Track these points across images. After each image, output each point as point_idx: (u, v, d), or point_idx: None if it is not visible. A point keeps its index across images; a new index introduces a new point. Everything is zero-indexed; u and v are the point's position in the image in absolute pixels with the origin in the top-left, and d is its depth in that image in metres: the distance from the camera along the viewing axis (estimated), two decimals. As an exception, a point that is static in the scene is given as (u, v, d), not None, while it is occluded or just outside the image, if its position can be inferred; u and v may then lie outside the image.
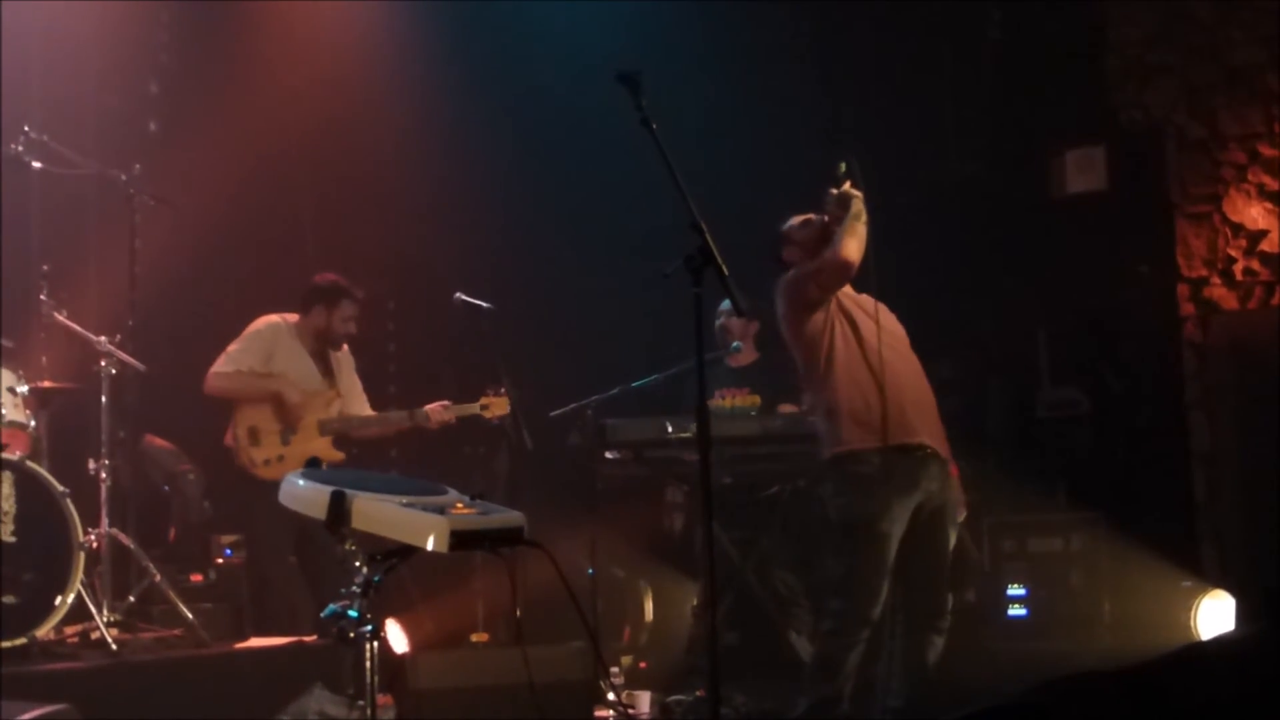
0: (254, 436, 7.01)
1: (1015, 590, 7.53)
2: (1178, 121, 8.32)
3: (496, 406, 7.07)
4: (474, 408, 7.10)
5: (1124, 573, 7.35)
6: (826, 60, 9.03)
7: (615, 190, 8.31)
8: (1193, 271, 8.23)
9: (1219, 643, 4.24)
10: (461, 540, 3.59)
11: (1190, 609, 7.16)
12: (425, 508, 3.64)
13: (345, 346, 7.34)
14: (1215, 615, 7.11)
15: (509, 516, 3.84)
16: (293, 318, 7.22)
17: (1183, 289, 8.22)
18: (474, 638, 7.27)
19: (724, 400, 6.94)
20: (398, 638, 7.14)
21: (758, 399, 7.00)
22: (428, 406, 7.12)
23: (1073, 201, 8.53)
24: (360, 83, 8.91)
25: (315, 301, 7.20)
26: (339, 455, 7.13)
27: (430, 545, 3.54)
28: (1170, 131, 8.33)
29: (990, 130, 8.82)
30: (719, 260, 4.25)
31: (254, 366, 7.03)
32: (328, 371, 7.23)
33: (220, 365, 7.02)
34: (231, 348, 7.07)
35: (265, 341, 7.09)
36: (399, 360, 8.21)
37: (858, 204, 5.56)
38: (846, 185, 5.60)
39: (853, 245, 5.53)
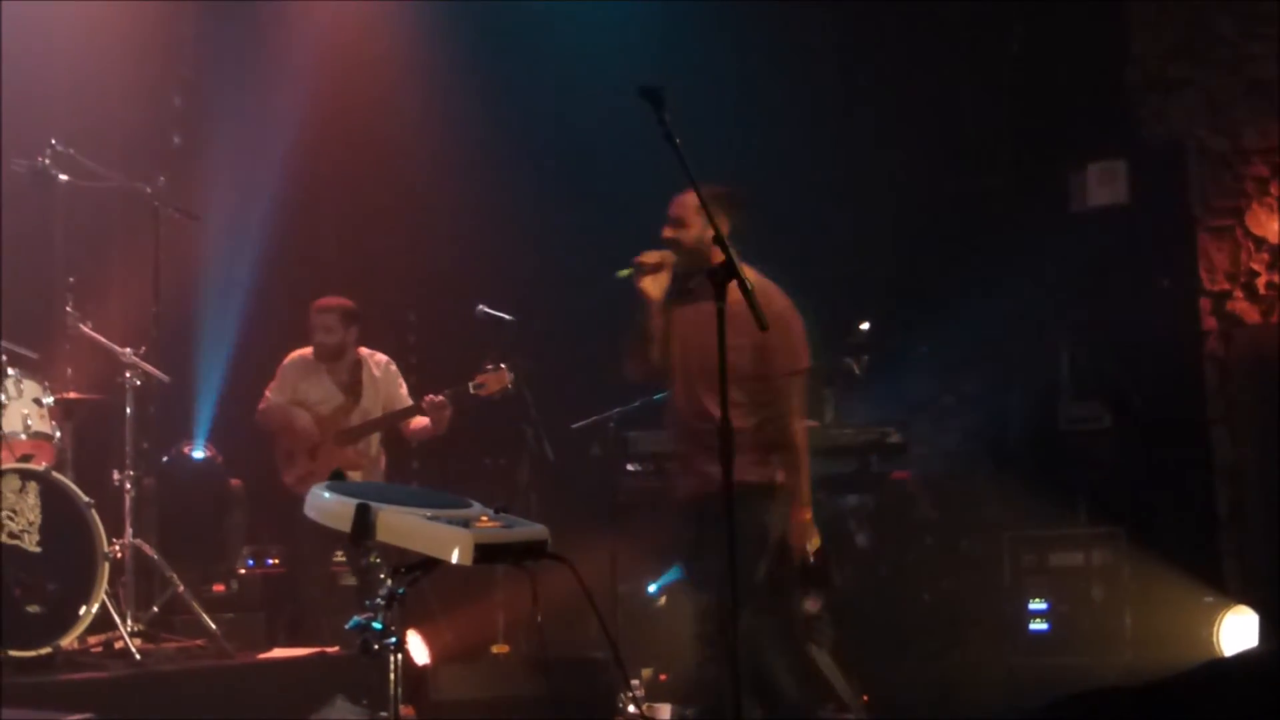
0: (289, 458, 7.41)
1: (1037, 605, 7.50)
2: (1199, 135, 8.30)
3: (493, 382, 7.09)
4: (468, 389, 7.15)
5: (1146, 588, 7.32)
6: (848, 74, 9.03)
7: (638, 202, 8.32)
8: (1215, 285, 8.21)
9: (1242, 659, 4.24)
10: (486, 554, 3.59)
11: (1213, 625, 7.13)
12: (450, 521, 3.64)
13: (388, 361, 7.53)
14: (1238, 631, 7.08)
15: (533, 530, 3.85)
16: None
17: (1205, 303, 8.21)
18: (494, 649, 7.29)
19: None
20: (419, 649, 7.15)
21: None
22: (424, 399, 7.21)
23: (1094, 215, 8.51)
24: (382, 98, 8.95)
25: None
26: (358, 460, 7.33)
27: (455, 558, 3.54)
28: (1192, 145, 8.32)
29: (1012, 143, 8.81)
30: (741, 275, 4.25)
31: (280, 399, 7.45)
32: (351, 388, 7.48)
33: (261, 404, 7.49)
34: (269, 387, 7.51)
35: (289, 375, 7.53)
36: (420, 371, 8.23)
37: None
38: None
39: None
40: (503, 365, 7.09)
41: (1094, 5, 8.59)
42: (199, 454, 8.01)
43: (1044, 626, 7.49)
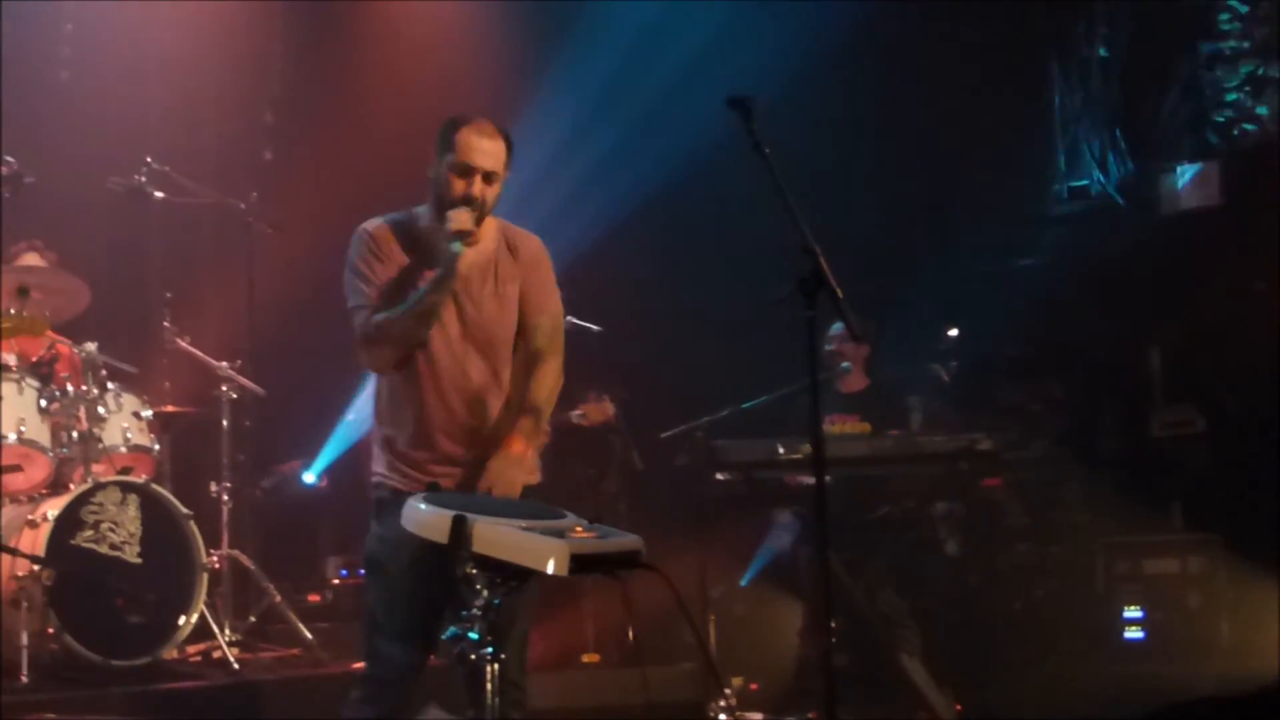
0: None
1: (1132, 613, 7.41)
2: (1293, 135, 8.20)
3: (595, 414, 7.12)
4: (570, 418, 7.15)
5: (1242, 595, 7.20)
6: (931, 80, 8.98)
7: (726, 209, 8.32)
8: (1310, 287, 8.09)
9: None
10: (581, 564, 3.61)
11: (1312, 634, 7.02)
12: (545, 532, 3.67)
13: None
14: (1337, 641, 6.95)
15: (627, 540, 3.87)
16: None
17: (1300, 305, 8.08)
18: (585, 658, 7.31)
19: (833, 427, 6.93)
20: (510, 658, 7.21)
21: (868, 427, 6.98)
22: None
23: (1186, 217, 8.41)
24: (471, 107, 9.00)
25: None
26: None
27: (551, 569, 3.56)
28: (1285, 145, 8.21)
29: (1102, 147, 8.73)
30: (833, 284, 4.23)
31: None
32: None
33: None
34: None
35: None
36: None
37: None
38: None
39: None
40: (605, 396, 7.12)
41: (1183, 5, 8.49)
42: (309, 478, 8.07)
43: (1139, 634, 7.40)
